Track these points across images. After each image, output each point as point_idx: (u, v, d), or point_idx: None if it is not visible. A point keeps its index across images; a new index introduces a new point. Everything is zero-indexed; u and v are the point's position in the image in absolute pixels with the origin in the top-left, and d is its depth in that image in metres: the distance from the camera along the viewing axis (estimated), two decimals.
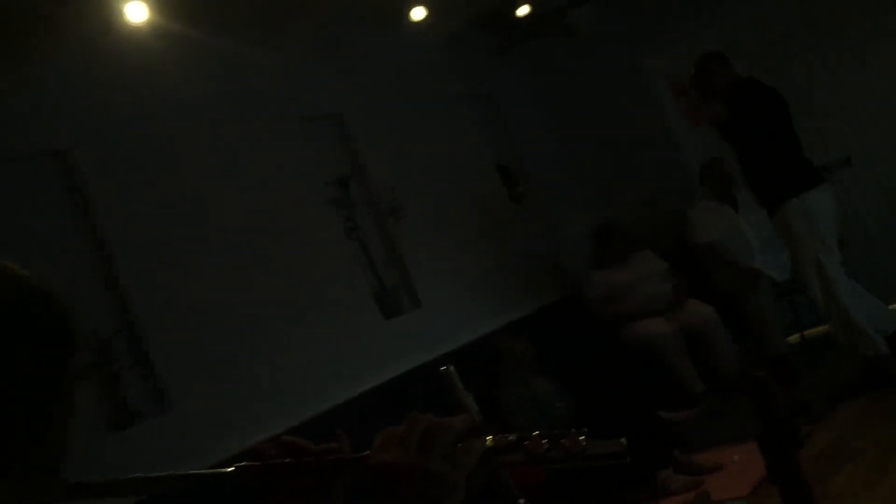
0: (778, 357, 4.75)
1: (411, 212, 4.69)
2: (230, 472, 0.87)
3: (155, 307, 3.43)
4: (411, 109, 4.95)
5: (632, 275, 5.14)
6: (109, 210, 3.42)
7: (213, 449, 3.35)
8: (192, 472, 0.89)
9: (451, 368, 1.01)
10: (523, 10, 5.40)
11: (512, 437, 0.82)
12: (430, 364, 4.01)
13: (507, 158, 5.77)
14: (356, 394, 3.85)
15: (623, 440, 0.82)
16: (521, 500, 0.98)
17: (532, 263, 5.48)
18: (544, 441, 0.81)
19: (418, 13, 4.76)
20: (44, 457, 0.73)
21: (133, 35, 3.52)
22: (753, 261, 5.00)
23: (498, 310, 4.91)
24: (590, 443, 0.80)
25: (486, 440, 0.81)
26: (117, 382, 3.24)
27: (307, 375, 3.78)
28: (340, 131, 4.68)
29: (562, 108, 6.06)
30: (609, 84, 5.86)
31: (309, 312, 3.97)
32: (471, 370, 0.92)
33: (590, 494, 3.44)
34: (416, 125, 4.98)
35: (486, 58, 5.73)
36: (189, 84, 3.82)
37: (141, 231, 3.50)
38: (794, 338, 5.34)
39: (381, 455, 0.80)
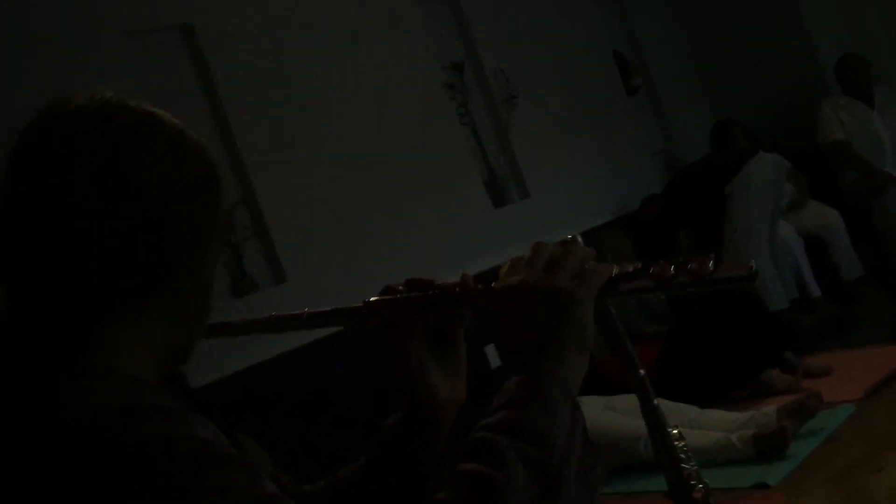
0: None
1: (524, 100, 4.60)
2: (359, 307, 0.88)
3: (273, 183, 3.52)
4: None
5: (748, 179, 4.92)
6: (231, 84, 3.49)
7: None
8: (323, 308, 0.91)
9: (578, 237, 1.00)
10: None
11: (637, 264, 0.80)
12: None
13: (625, 48, 5.55)
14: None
15: (752, 263, 0.79)
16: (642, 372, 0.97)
17: (644, 159, 5.34)
18: (671, 267, 0.78)
19: None
20: (199, 294, 0.77)
21: None
22: (885, 163, 4.71)
23: (606, 204, 4.84)
24: (718, 266, 0.77)
25: (612, 266, 0.80)
26: (239, 252, 3.38)
27: (414, 257, 3.84)
28: (457, 15, 4.58)
29: None
30: None
31: (420, 195, 4.01)
32: None
33: (695, 389, 3.42)
34: (532, 10, 4.83)
35: None
36: None
37: (261, 108, 3.56)
38: None
39: (509, 279, 0.79)
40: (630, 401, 3.40)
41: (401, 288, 0.88)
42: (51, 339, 0.70)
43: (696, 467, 1.01)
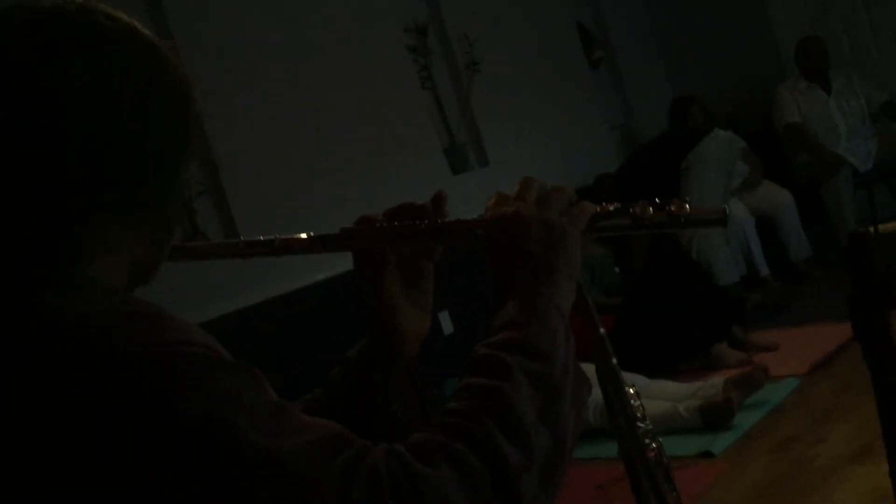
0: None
1: (486, 67, 4.57)
2: (336, 234, 0.87)
3: (228, 139, 3.44)
4: None
5: (702, 156, 4.98)
6: (188, 36, 3.39)
7: (280, 279, 3.45)
8: (296, 235, 0.88)
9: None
10: None
11: (617, 205, 0.83)
12: None
13: (589, 21, 5.54)
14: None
15: (724, 207, 0.84)
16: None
17: (604, 132, 5.35)
18: (650, 208, 0.82)
19: None
20: (170, 211, 0.76)
21: None
22: (838, 146, 4.80)
23: (564, 175, 4.84)
24: (693, 209, 0.82)
25: (594, 205, 0.83)
26: (191, 208, 3.30)
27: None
28: None
29: None
30: None
31: (377, 158, 3.96)
32: None
33: (645, 360, 3.46)
34: None
35: None
36: None
37: (217, 64, 3.47)
38: (867, 229, 5.18)
39: (501, 208, 0.80)
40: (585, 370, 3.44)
41: (380, 218, 0.87)
42: (24, 246, 0.67)
43: (650, 427, 1.01)
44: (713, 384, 3.12)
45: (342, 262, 3.73)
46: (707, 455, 2.77)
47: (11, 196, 0.68)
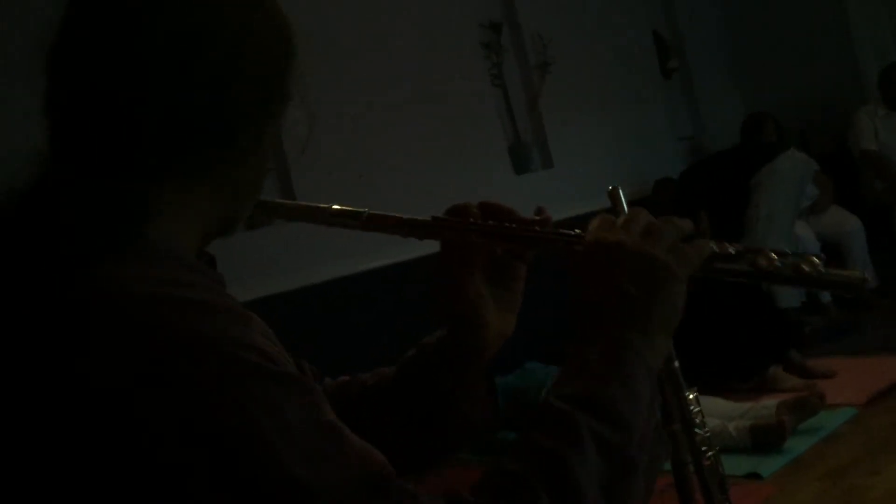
0: None
1: (558, 68, 4.54)
2: (427, 220, 0.82)
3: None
4: None
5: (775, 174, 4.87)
6: None
7: (333, 263, 3.47)
8: (384, 212, 0.84)
9: (619, 188, 0.95)
10: None
11: (739, 246, 0.74)
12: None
13: (665, 30, 5.47)
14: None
15: (865, 275, 0.74)
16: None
17: (671, 143, 5.28)
18: (774, 256, 0.72)
19: None
20: (257, 166, 0.71)
21: None
22: None
23: (627, 183, 4.77)
24: (829, 267, 0.72)
25: (710, 243, 0.73)
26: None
27: (431, 210, 3.80)
28: None
29: None
30: None
31: (443, 151, 3.97)
32: None
33: (696, 376, 3.39)
34: None
35: None
36: None
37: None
38: None
39: (603, 235, 0.72)
40: None
41: (475, 210, 0.82)
42: (93, 203, 0.62)
43: (708, 434, 0.98)
44: (766, 405, 3.05)
45: (387, 252, 3.71)
46: (754, 476, 2.70)
47: (86, 149, 0.64)
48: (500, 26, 4.40)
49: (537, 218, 0.81)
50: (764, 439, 2.89)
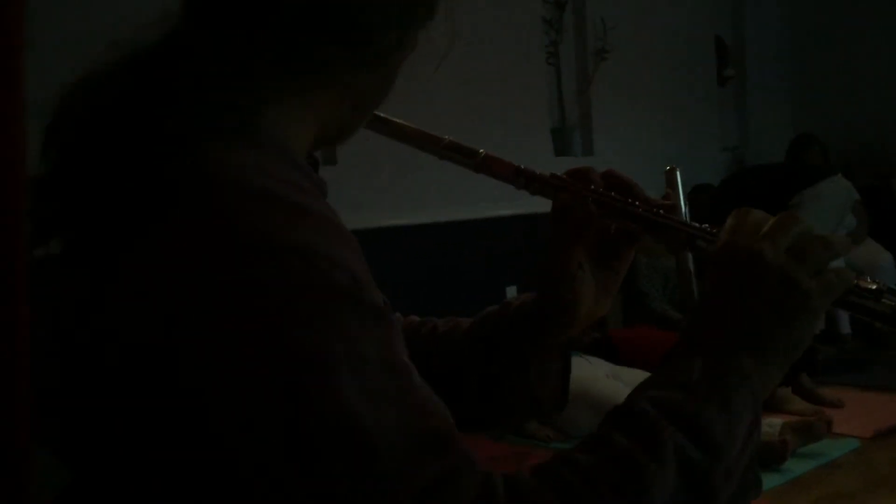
0: None
1: (615, 56, 4.48)
2: (546, 174, 0.77)
3: None
4: None
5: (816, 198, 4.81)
6: None
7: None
8: (503, 158, 0.79)
9: (677, 170, 0.92)
10: None
11: (882, 284, 0.66)
12: None
13: (729, 35, 5.39)
14: (501, 215, 3.84)
15: None
16: None
17: (715, 151, 5.22)
18: None
19: None
20: (385, 78, 0.67)
21: None
22: None
23: (661, 183, 4.72)
24: None
25: (853, 274, 0.65)
26: None
27: (462, 184, 3.77)
28: None
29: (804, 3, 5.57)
30: None
31: (485, 120, 3.93)
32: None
33: None
34: None
35: None
36: None
37: None
38: None
39: (741, 239, 0.63)
40: (636, 375, 3.37)
41: (598, 178, 0.76)
42: (215, 77, 0.58)
43: None
44: (771, 423, 3.03)
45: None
46: None
47: (218, 14, 0.61)
48: (565, 5, 4.35)
49: (665, 203, 0.75)
50: (765, 455, 2.86)
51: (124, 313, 0.53)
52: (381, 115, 0.76)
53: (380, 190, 3.57)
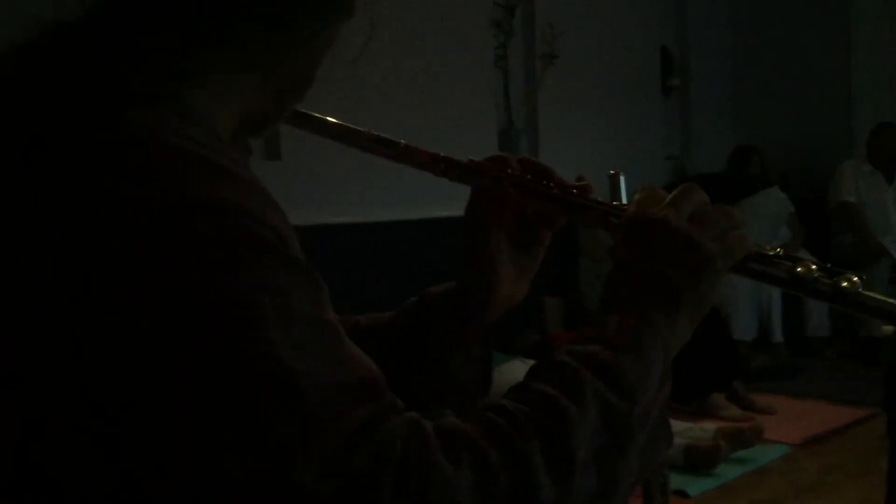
0: (868, 339, 4.57)
1: (562, 62, 4.51)
2: (463, 161, 0.79)
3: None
4: None
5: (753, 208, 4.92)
6: None
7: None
8: (421, 147, 0.81)
9: (621, 175, 0.93)
10: None
11: (779, 250, 0.70)
12: None
13: (675, 46, 5.47)
14: (437, 216, 3.82)
15: None
16: None
17: (657, 160, 5.29)
18: (814, 267, 0.69)
19: None
20: (306, 67, 0.67)
21: None
22: (885, 238, 4.73)
23: (604, 187, 4.78)
24: (869, 292, 0.69)
25: (752, 240, 0.70)
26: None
27: (408, 177, 3.75)
28: None
29: (741, 14, 5.70)
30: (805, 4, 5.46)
31: (430, 119, 3.90)
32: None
33: None
34: None
35: None
36: None
37: None
38: (889, 329, 5.10)
39: (647, 210, 0.69)
40: None
41: (514, 163, 0.79)
42: (138, 48, 0.58)
43: None
44: (704, 429, 3.08)
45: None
46: (681, 494, 2.73)
47: (132, 7, 0.59)
48: (515, 8, 4.35)
49: (579, 184, 0.77)
50: (697, 460, 2.91)
51: (54, 277, 0.51)
52: (303, 110, 0.76)
53: (326, 186, 3.52)
